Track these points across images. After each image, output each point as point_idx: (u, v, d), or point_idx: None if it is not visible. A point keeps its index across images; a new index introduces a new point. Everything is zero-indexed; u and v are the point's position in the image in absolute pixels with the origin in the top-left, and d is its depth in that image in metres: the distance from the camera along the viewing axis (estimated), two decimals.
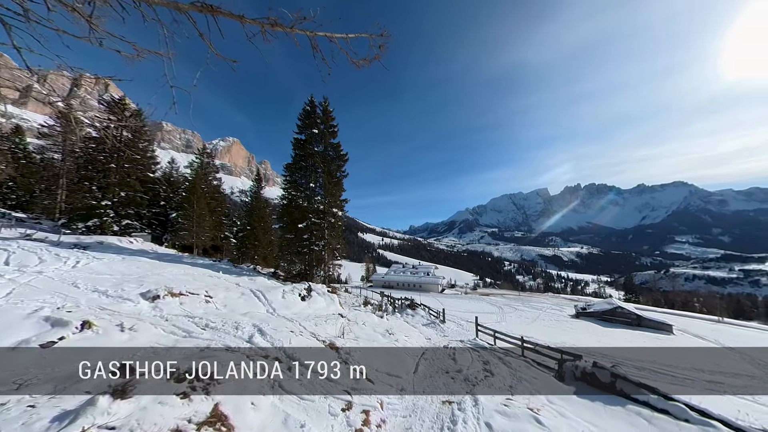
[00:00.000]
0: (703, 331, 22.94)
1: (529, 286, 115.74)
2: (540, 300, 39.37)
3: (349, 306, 13.87)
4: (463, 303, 31.89)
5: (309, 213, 17.33)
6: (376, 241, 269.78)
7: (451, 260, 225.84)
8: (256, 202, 28.01)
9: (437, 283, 53.81)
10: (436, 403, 4.87)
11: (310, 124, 18.30)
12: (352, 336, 7.84)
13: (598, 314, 25.64)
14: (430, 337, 10.63)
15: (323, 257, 17.88)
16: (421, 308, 16.68)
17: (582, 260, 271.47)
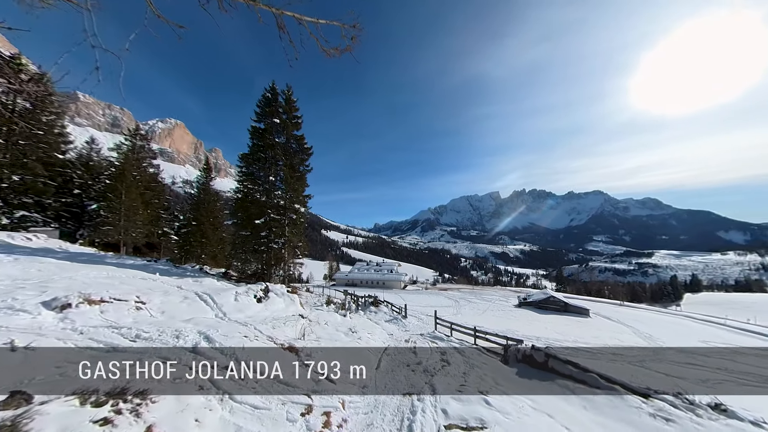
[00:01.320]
0: (610, 313, 28.14)
1: (482, 280, 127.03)
2: (490, 293, 43.52)
3: (310, 306, 13.36)
4: (424, 298, 33.45)
5: (268, 208, 16.12)
6: (340, 238, 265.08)
7: (413, 258, 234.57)
8: (205, 194, 24.94)
9: (400, 280, 55.36)
10: (398, 396, 5.00)
11: (270, 113, 16.98)
12: (313, 337, 7.56)
13: (536, 303, 29.45)
14: (392, 333, 10.87)
15: (283, 256, 16.85)
16: (384, 305, 16.96)
17: (525, 256, 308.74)
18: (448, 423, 4.07)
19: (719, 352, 17.26)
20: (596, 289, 71.64)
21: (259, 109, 17.16)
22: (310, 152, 18.50)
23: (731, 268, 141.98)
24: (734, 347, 18.96)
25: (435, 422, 4.09)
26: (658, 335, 19.78)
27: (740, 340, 21.84)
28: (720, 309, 47.13)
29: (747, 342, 21.38)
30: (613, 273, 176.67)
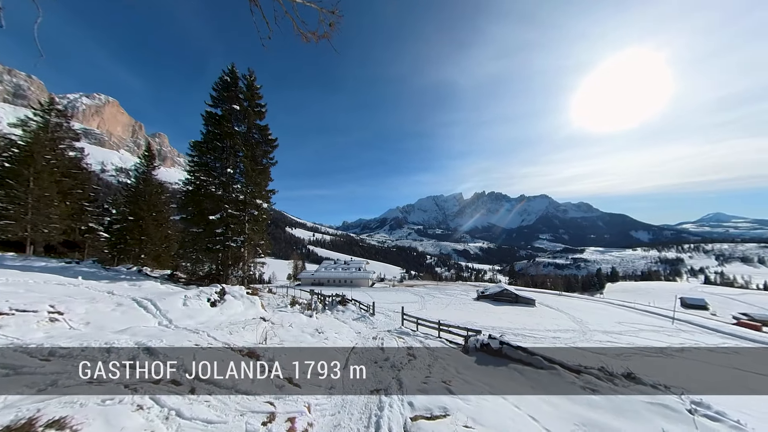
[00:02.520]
0: (551, 302, 32.14)
1: (445, 276, 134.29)
2: (453, 287, 46.24)
3: (273, 308, 12.61)
4: (391, 295, 34.08)
5: (225, 203, 14.70)
6: (306, 236, 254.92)
7: (381, 255, 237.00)
8: (146, 184, 21.69)
9: (368, 277, 55.52)
10: (365, 394, 5.01)
11: (229, 98, 15.45)
12: (276, 340, 7.15)
13: (492, 296, 32.20)
14: (360, 331, 10.85)
15: (242, 255, 15.57)
16: (352, 303, 16.84)
17: (483, 253, 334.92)
18: (414, 414, 4.22)
19: (629, 330, 20.96)
20: (541, 282, 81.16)
21: (216, 93, 15.49)
22: (274, 144, 17.35)
23: (639, 262, 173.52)
24: (639, 326, 23.22)
25: (402, 415, 4.20)
26: (586, 319, 23.23)
27: (643, 319, 26.84)
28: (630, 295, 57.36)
29: (647, 320, 26.37)
30: (554, 267, 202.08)
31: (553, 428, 4.03)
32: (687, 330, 23.76)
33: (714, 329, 26.07)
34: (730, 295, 66.47)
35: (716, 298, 60.41)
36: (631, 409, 4.41)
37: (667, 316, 29.54)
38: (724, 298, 61.81)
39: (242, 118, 16.01)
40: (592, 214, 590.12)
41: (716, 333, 24.36)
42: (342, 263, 67.35)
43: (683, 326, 25.22)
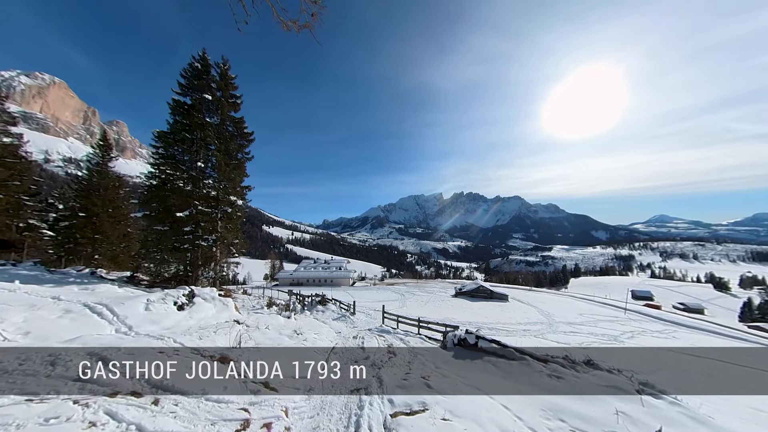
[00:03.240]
0: (522, 297, 34.20)
1: (425, 274, 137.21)
2: (432, 285, 47.40)
3: (248, 310, 12.03)
4: (372, 294, 34.12)
5: (194, 199, 13.71)
6: (284, 235, 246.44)
7: (362, 254, 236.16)
8: (101, 177, 19.55)
9: (349, 276, 55.05)
10: (345, 394, 4.97)
11: (200, 87, 14.41)
12: (251, 344, 6.83)
13: (469, 293, 33.51)
14: (340, 331, 10.73)
15: (214, 254, 14.66)
16: (333, 303, 16.60)
17: (461, 252, 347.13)
18: (394, 411, 4.27)
19: (589, 321, 22.94)
20: (513, 278, 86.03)
21: (185, 80, 14.36)
22: (250, 138, 16.50)
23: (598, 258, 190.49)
24: (598, 317, 25.50)
25: (382, 413, 4.23)
26: (553, 312, 25.06)
27: (601, 311, 29.53)
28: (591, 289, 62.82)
29: (605, 312, 29.04)
30: (526, 264, 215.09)
31: (523, 415, 4.30)
32: (636, 319, 26.57)
33: (657, 317, 29.38)
34: (671, 287, 75.47)
35: (660, 290, 68.25)
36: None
37: (621, 307, 32.80)
38: (666, 290, 70.03)
39: (215, 109, 15.02)
40: (559, 214, 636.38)
41: (659, 321, 27.47)
42: (322, 262, 66.10)
43: (633, 316, 28.17)
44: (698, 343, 19.02)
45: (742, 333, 29.40)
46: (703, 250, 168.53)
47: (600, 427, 3.93)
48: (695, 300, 57.75)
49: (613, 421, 4.02)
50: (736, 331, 29.13)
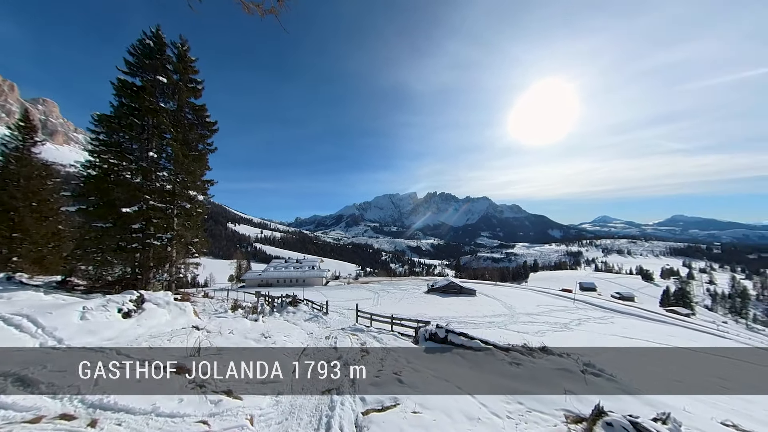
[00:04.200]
0: (489, 292, 36.54)
1: (399, 272, 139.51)
2: (405, 282, 48.38)
3: (209, 314, 11.13)
4: (346, 293, 33.77)
5: (145, 193, 12.23)
6: (253, 233, 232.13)
7: (337, 253, 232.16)
8: (21, 164, 16.42)
9: (322, 276, 53.75)
10: (316, 396, 4.86)
11: (153, 67, 12.85)
12: (213, 350, 6.34)
13: (440, 289, 34.86)
14: (312, 332, 10.44)
15: (169, 255, 13.26)
16: (304, 304, 16.08)
17: (434, 249, 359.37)
18: (366, 409, 4.28)
19: (545, 311, 25.31)
20: (481, 274, 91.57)
21: (135, 58, 12.68)
22: (213, 128, 15.18)
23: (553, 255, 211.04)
24: (552, 307, 28.25)
25: (353, 411, 4.21)
26: (514, 304, 27.20)
27: (555, 301, 32.79)
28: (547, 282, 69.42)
29: (558, 302, 32.29)
30: (492, 261, 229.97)
31: (487, 401, 4.61)
32: (583, 308, 30.01)
33: (599, 305, 33.48)
34: (610, 279, 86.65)
35: (601, 281, 77.90)
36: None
37: (570, 298, 36.77)
38: (606, 281, 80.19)
39: (171, 93, 13.53)
40: (522, 215, 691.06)
41: (600, 308, 31.34)
42: (294, 262, 63.61)
43: (580, 305, 31.77)
44: (630, 326, 22.15)
45: (662, 315, 35.27)
46: (635, 246, 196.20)
47: (552, 406, 4.38)
48: (628, 289, 67.03)
49: (561, 400, 4.50)
50: (657, 314, 34.83)
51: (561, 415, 4.14)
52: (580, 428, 3.76)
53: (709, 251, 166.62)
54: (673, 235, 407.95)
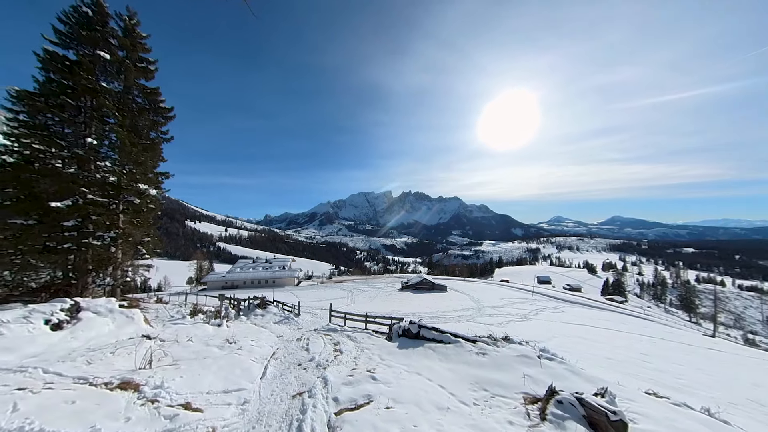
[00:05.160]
0: (459, 287, 38.40)
1: (374, 270, 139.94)
2: (380, 280, 48.70)
3: (164, 321, 10.08)
4: (320, 293, 32.97)
5: (82, 185, 10.60)
6: (216, 231, 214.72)
7: (309, 252, 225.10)
8: None
9: (293, 276, 51.72)
10: (286, 401, 4.69)
11: (92, 41, 11.14)
12: (168, 360, 5.75)
13: (414, 286, 35.73)
14: (282, 335, 10.01)
15: (113, 256, 11.69)
16: (274, 305, 15.35)
17: (408, 247, 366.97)
18: (339, 409, 4.24)
19: (508, 304, 27.33)
20: (452, 271, 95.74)
21: (68, 27, 10.85)
22: (169, 115, 13.67)
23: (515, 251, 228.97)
24: (514, 300, 30.63)
25: (326, 413, 4.15)
26: (481, 298, 28.96)
27: (516, 294, 35.60)
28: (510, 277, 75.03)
29: (519, 295, 35.09)
30: (462, 258, 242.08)
31: (456, 391, 4.86)
32: (540, 299, 33.04)
33: (553, 297, 37.14)
34: (562, 272, 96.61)
35: (555, 275, 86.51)
36: (505, 363, 5.79)
37: (529, 290, 40.27)
38: (559, 275, 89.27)
39: (116, 72, 11.87)
40: (489, 214, 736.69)
41: (554, 299, 34.81)
42: (263, 262, 60.24)
43: (538, 297, 34.95)
44: (577, 314, 24.97)
45: (602, 303, 40.61)
46: (582, 243, 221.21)
47: (513, 390, 4.76)
48: (576, 281, 75.47)
49: (521, 383, 4.92)
50: (598, 302, 40.01)
51: (520, 397, 4.53)
52: (536, 408, 4.16)
53: (639, 247, 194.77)
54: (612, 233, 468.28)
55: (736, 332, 52.41)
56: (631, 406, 4.05)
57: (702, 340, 21.73)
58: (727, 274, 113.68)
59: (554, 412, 3.86)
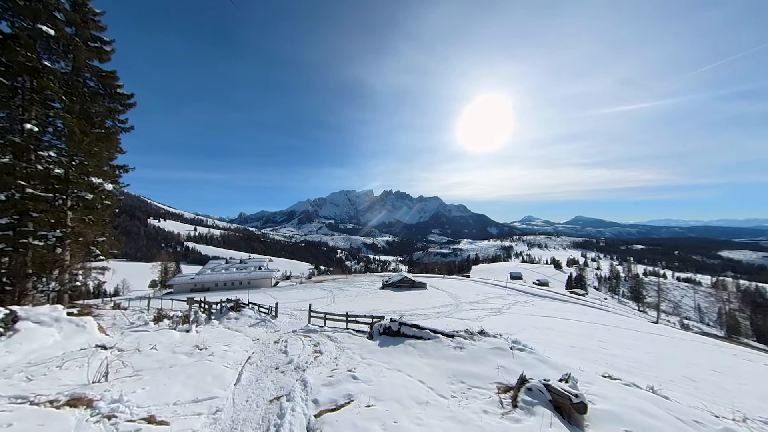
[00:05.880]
0: (438, 284, 39.48)
1: (355, 269, 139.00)
2: (361, 279, 48.54)
3: (122, 329, 9.19)
4: (298, 293, 32.09)
5: (18, 177, 9.29)
6: (184, 231, 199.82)
7: (288, 251, 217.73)
8: None
9: (270, 277, 49.77)
10: (263, 406, 4.51)
11: (31, 12, 9.76)
12: (128, 371, 5.26)
13: (394, 284, 36.10)
14: (258, 338, 9.60)
15: (59, 258, 10.41)
16: (249, 308, 14.65)
17: (389, 246, 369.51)
18: (318, 411, 4.17)
19: (484, 299, 28.62)
20: (431, 268, 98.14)
21: None
22: (128, 102, 12.42)
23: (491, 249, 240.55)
24: (489, 295, 32.15)
25: (305, 415, 4.05)
26: (459, 294, 30.05)
27: (491, 290, 37.39)
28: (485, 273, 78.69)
29: (494, 290, 36.88)
30: (441, 256, 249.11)
31: (435, 385, 5.00)
32: (512, 294, 35.03)
33: (524, 291, 39.56)
34: (532, 268, 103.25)
35: (526, 271, 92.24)
36: (481, 355, 6.07)
37: (503, 286, 42.53)
38: (530, 270, 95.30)
39: (63, 51, 10.52)
40: (466, 213, 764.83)
41: (525, 294, 37.11)
42: (237, 262, 57.26)
43: (511, 292, 37.04)
44: (545, 307, 26.86)
45: (566, 296, 44.16)
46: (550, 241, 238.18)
47: (487, 381, 5.01)
48: (544, 276, 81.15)
49: (495, 374, 5.19)
50: (563, 296, 43.44)
51: (494, 387, 4.78)
52: (509, 396, 4.41)
53: (597, 244, 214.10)
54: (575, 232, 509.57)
55: (675, 318, 59.73)
56: (590, 389, 4.45)
57: (648, 327, 24.48)
58: (668, 267, 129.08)
59: (524, 398, 4.12)
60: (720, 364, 12.43)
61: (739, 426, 4.18)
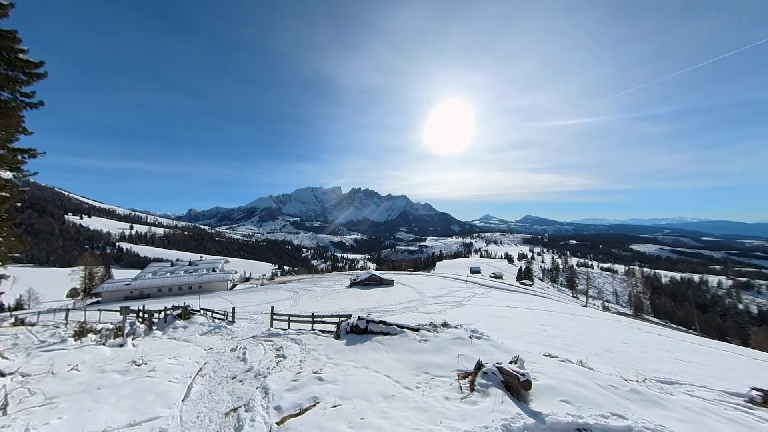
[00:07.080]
0: (405, 281, 40.61)
1: (321, 268, 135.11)
2: (328, 278, 47.43)
3: (29, 348, 7.55)
4: (259, 296, 30.05)
5: None
6: (116, 229, 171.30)
7: (247, 251, 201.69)
8: None
9: (226, 279, 45.60)
10: (217, 421, 4.15)
11: None
12: (37, 400, 4.35)
13: (362, 282, 36.08)
14: (212, 346, 8.74)
15: None
16: (200, 314, 13.23)
17: (357, 244, 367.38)
18: (281, 417, 3.99)
19: (447, 293, 30.30)
20: (399, 265, 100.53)
21: None
22: (36, 72, 10.07)
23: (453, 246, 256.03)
24: (451, 289, 34.15)
25: (266, 424, 3.84)
26: (425, 290, 31.35)
27: (453, 284, 39.79)
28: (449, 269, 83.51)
29: (456, 285, 39.31)
30: (408, 253, 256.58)
31: (401, 378, 5.16)
32: (472, 287, 37.77)
33: (482, 284, 42.92)
34: (489, 263, 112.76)
35: (484, 265, 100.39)
36: (444, 346, 6.45)
37: (464, 280, 45.62)
38: (487, 265, 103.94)
39: None
40: (432, 212, 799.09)
41: (483, 286, 40.27)
42: (185, 264, 51.15)
43: (471, 285, 39.89)
44: (499, 298, 29.59)
45: (517, 287, 49.36)
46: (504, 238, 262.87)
47: (449, 369, 5.34)
48: (499, 270, 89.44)
49: (456, 362, 5.56)
50: (514, 287, 48.48)
51: (455, 374, 5.12)
52: (467, 381, 4.78)
53: (542, 240, 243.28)
54: (525, 230, 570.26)
55: (599, 302, 70.99)
56: (535, 368, 5.05)
57: (579, 310, 28.68)
58: (595, 259, 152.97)
59: (481, 382, 4.51)
60: (629, 337, 15.17)
61: (641, 386, 5.17)
